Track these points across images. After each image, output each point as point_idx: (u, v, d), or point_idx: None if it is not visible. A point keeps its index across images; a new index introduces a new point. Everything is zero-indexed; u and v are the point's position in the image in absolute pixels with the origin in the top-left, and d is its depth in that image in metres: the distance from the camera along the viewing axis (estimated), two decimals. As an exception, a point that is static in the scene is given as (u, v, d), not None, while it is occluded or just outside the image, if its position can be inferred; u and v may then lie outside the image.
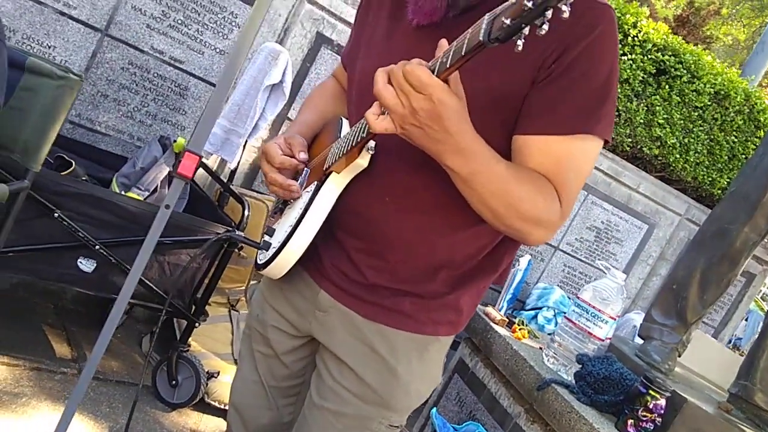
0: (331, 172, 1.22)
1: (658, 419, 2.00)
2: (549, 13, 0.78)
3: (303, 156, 1.30)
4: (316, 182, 1.26)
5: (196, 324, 2.71)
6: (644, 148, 4.51)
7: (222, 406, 2.75)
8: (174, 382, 2.67)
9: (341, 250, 1.27)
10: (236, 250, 2.70)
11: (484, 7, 1.08)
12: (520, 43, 0.83)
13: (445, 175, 1.07)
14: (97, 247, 2.34)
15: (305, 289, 1.34)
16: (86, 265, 2.38)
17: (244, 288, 3.39)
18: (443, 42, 0.95)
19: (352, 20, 3.35)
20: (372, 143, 1.16)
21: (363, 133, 1.12)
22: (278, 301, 1.39)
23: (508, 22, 0.81)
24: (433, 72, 0.93)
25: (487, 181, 1.04)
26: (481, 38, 0.86)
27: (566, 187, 1.12)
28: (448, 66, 0.91)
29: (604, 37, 1.09)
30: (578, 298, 2.35)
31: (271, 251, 1.29)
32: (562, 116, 1.09)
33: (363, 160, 1.18)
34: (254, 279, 3.46)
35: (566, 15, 0.76)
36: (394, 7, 1.26)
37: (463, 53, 0.89)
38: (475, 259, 1.26)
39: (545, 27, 0.79)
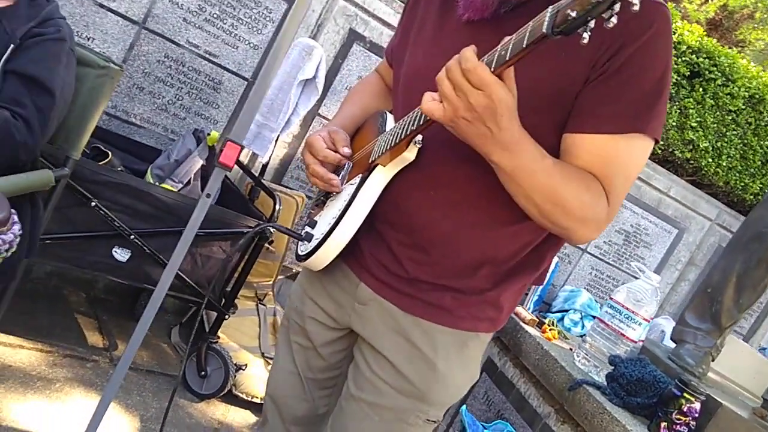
0: (376, 165, 1.22)
1: (692, 423, 1.98)
2: (617, 6, 0.77)
3: (347, 151, 1.30)
4: (360, 175, 1.25)
5: (226, 316, 2.73)
6: (676, 152, 4.46)
7: (249, 399, 2.76)
8: (203, 373, 2.69)
9: (383, 242, 1.27)
10: (265, 245, 2.72)
11: (535, 3, 1.07)
12: (586, 35, 0.82)
13: (491, 170, 1.06)
14: (132, 236, 2.37)
15: (345, 281, 1.33)
16: (121, 254, 2.41)
17: (271, 282, 3.41)
18: (506, 39, 0.94)
19: (384, 17, 3.37)
20: (419, 137, 1.15)
21: (412, 126, 1.12)
22: (317, 292, 1.40)
23: (573, 14, 0.80)
24: (490, 66, 0.93)
25: (533, 178, 1.03)
26: (544, 30, 0.85)
27: (614, 186, 1.10)
28: (507, 59, 0.90)
29: (659, 35, 1.07)
30: (611, 299, 2.33)
31: (314, 243, 1.29)
32: (614, 115, 1.08)
33: (410, 154, 1.18)
34: (282, 274, 3.48)
35: (636, 8, 0.75)
36: (444, 1, 1.26)
37: (524, 45, 0.88)
38: (518, 256, 1.25)
39: (613, 20, 0.78)
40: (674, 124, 4.38)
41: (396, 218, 1.25)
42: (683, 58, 4.29)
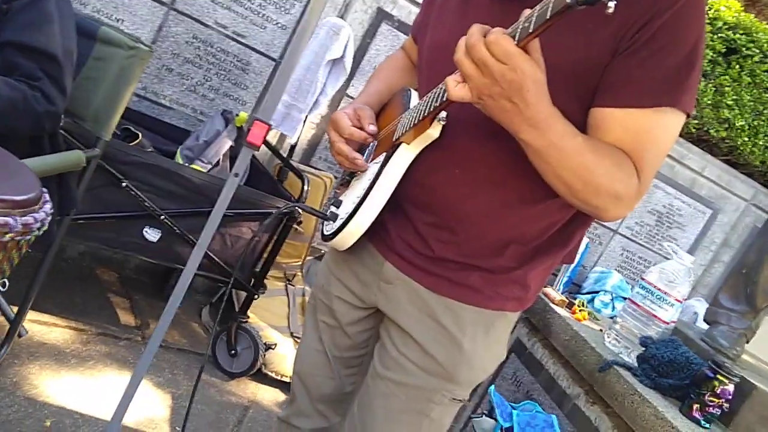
0: (400, 144, 1.21)
1: (725, 405, 1.94)
2: None
3: (372, 128, 1.27)
4: (384, 153, 1.24)
5: (255, 296, 2.75)
6: (711, 131, 4.36)
7: (279, 377, 2.79)
8: (233, 352, 2.72)
9: (408, 222, 1.26)
10: (294, 226, 2.73)
11: None
12: (612, 4, 0.79)
13: (518, 148, 1.04)
14: (163, 217, 2.39)
15: (370, 260, 1.33)
16: (152, 234, 2.44)
17: (300, 263, 3.43)
18: (527, 11, 0.92)
19: (413, -5, 3.33)
20: (443, 114, 1.13)
21: (435, 102, 1.10)
22: (343, 272, 1.39)
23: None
24: (514, 39, 0.90)
25: (563, 155, 1.00)
26: (568, 0, 0.83)
27: (646, 162, 1.07)
28: (531, 31, 0.88)
29: (691, 5, 1.04)
30: (643, 279, 2.29)
31: (339, 222, 1.28)
32: (645, 88, 1.05)
33: (434, 131, 1.16)
34: (310, 255, 3.49)
35: None
36: None
37: (548, 16, 0.85)
38: (545, 235, 1.23)
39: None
40: (709, 102, 4.27)
41: (422, 197, 1.23)
42: (719, 35, 4.18)
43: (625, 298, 3.96)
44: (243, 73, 3.15)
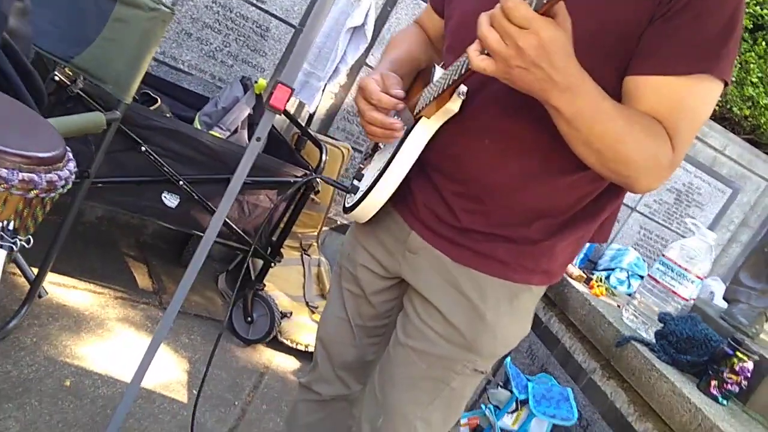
0: (421, 117, 1.19)
1: (743, 382, 1.93)
2: None
3: (398, 92, 1.21)
4: (405, 127, 1.22)
5: (272, 265, 2.76)
6: (734, 108, 4.29)
7: (294, 345, 2.80)
8: (249, 319, 2.73)
9: (436, 192, 1.25)
10: (311, 196, 2.72)
11: None
12: None
13: (548, 118, 1.02)
14: (181, 182, 2.39)
15: (397, 230, 1.32)
16: (170, 200, 2.44)
17: (316, 233, 3.43)
18: None
19: (435, -36, 3.27)
20: (463, 88, 1.11)
21: (455, 75, 1.08)
22: (369, 241, 1.39)
23: None
24: (531, 4, 0.87)
25: (594, 122, 0.98)
26: None
27: (680, 131, 1.05)
28: None
29: None
30: (663, 256, 2.27)
31: (359, 194, 1.28)
32: (680, 55, 1.02)
33: (454, 105, 1.14)
34: (326, 225, 3.49)
35: None
36: None
37: None
38: (575, 208, 1.21)
39: None
40: (733, 79, 4.20)
41: (450, 167, 1.22)
42: (747, 10, 4.09)
43: (641, 276, 3.94)
44: (262, 40, 3.12)
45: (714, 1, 1.02)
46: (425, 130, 1.19)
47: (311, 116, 3.21)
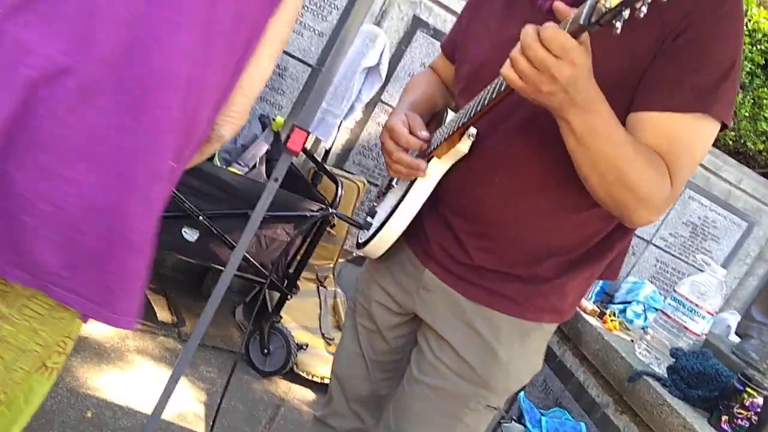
0: (432, 157, 1.24)
1: (754, 417, 1.94)
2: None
3: (425, 134, 1.26)
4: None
5: (288, 297, 2.81)
6: (748, 143, 4.31)
7: (310, 378, 2.84)
8: (266, 351, 2.77)
9: (449, 230, 1.28)
10: (327, 228, 2.78)
11: None
12: (618, 25, 0.83)
13: (558, 157, 1.06)
14: (201, 217, 2.46)
15: (411, 267, 1.35)
16: (190, 234, 2.50)
17: (332, 265, 3.48)
18: (558, 4, 0.93)
19: (448, 4, 3.37)
20: (473, 130, 1.16)
21: (464, 118, 1.14)
22: (384, 277, 1.42)
23: (607, 5, 0.82)
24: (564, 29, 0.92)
25: (602, 143, 1.01)
26: (581, 22, 0.86)
27: (678, 167, 1.08)
28: (581, 24, 0.89)
29: (730, 15, 1.06)
30: (675, 291, 2.30)
31: (371, 231, 1.33)
32: (680, 93, 1.06)
33: (463, 146, 1.19)
34: (342, 257, 3.54)
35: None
36: None
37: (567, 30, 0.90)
38: (585, 246, 1.24)
39: (644, 9, 0.80)
40: (747, 114, 4.23)
41: (462, 206, 1.26)
42: (758, 47, 4.14)
43: (657, 310, 3.94)
44: (280, 79, 3.22)
45: (713, 45, 1.06)
46: (436, 169, 1.24)
47: (327, 151, 3.29)
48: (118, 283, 0.88)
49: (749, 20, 4.09)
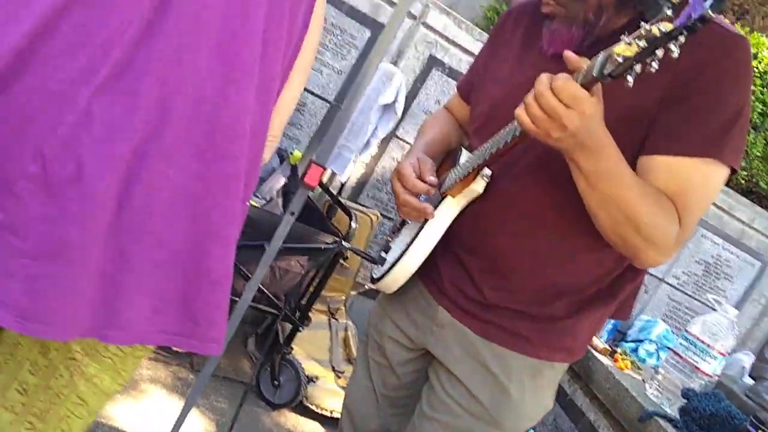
0: (446, 196, 1.27)
1: (767, 462, 1.92)
2: (660, 52, 0.82)
3: (432, 179, 1.30)
4: (433, 207, 1.31)
5: (300, 329, 2.82)
6: (761, 182, 4.32)
7: (319, 411, 2.84)
8: (276, 382, 2.78)
9: (462, 268, 1.31)
10: (340, 260, 2.80)
11: (613, 36, 1.11)
12: (630, 79, 0.87)
13: (571, 198, 1.09)
14: (217, 248, 2.49)
15: (424, 304, 1.38)
16: (206, 265, 2.53)
17: (344, 298, 3.50)
18: (569, 54, 0.97)
19: (464, 44, 3.44)
20: (487, 171, 1.20)
21: (479, 160, 1.18)
22: (397, 313, 1.44)
23: (620, 59, 0.85)
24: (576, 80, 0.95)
25: (612, 183, 1.04)
26: (594, 74, 0.90)
27: (688, 210, 1.11)
28: (594, 76, 0.93)
29: (739, 64, 1.09)
30: (686, 331, 2.29)
31: (386, 267, 1.35)
32: (689, 138, 1.09)
33: (478, 186, 1.23)
34: (354, 290, 3.56)
35: (675, 54, 0.81)
36: (526, 36, 1.31)
37: (581, 82, 0.93)
38: (596, 286, 1.26)
39: (654, 65, 0.84)
40: (759, 154, 4.25)
41: (476, 245, 1.28)
42: (771, 88, 4.18)
43: (670, 348, 3.91)
44: (298, 114, 3.28)
45: (722, 91, 1.09)
46: (450, 208, 1.28)
47: (343, 185, 3.33)
48: (204, 315, 0.94)
49: (760, 62, 4.13)
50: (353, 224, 2.79)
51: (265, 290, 2.66)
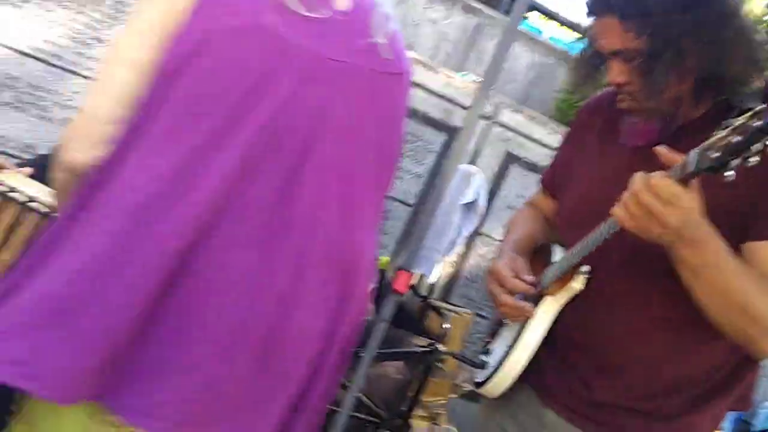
0: (545, 295, 1.26)
1: None
2: (758, 146, 0.82)
3: (531, 278, 1.28)
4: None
5: (401, 437, 2.77)
6: None
7: None
8: (382, 493, 2.71)
9: (569, 366, 1.27)
10: (437, 363, 2.77)
11: (694, 126, 1.12)
12: (730, 173, 0.86)
13: (675, 289, 1.06)
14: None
15: (529, 405, 1.33)
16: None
17: (444, 401, 3.42)
18: (660, 149, 0.97)
19: (539, 137, 3.49)
20: (587, 267, 1.19)
21: (577, 258, 1.17)
22: (502, 416, 1.39)
23: (718, 154, 0.85)
24: (671, 177, 0.94)
25: (719, 275, 1.01)
26: (691, 169, 0.90)
27: None
28: (693, 170, 0.93)
29: None
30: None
31: (489, 370, 1.33)
32: None
33: (577, 284, 1.21)
34: (454, 392, 3.49)
35: None
36: (604, 130, 1.31)
37: (680, 176, 0.93)
38: (714, 378, 1.20)
39: (751, 160, 0.83)
40: None
41: (584, 342, 1.25)
42: None
43: (802, 436, 3.58)
44: (383, 221, 3.38)
45: None
46: (550, 307, 1.25)
47: (432, 286, 3.35)
48: None
49: None
50: (446, 326, 2.77)
51: (365, 399, 2.65)
